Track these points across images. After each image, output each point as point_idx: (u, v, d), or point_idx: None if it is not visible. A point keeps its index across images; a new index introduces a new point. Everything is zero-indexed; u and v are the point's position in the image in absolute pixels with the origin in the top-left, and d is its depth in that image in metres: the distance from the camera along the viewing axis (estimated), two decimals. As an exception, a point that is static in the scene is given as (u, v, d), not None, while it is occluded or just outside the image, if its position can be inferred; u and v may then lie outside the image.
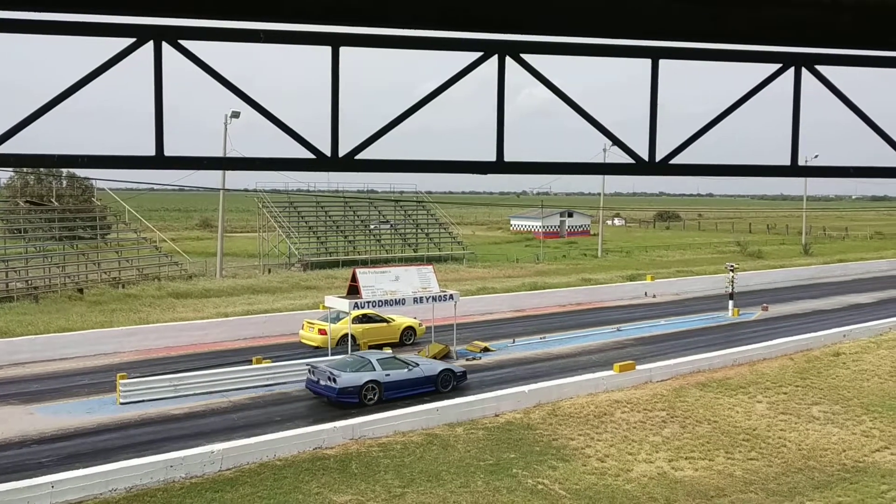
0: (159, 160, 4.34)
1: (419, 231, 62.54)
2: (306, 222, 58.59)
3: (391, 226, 58.27)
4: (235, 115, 43.49)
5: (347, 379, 20.89)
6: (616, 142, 4.99)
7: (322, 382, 21.15)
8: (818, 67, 5.24)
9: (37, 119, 4.18)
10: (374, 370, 21.46)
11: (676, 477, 16.50)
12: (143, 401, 21.28)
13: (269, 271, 50.38)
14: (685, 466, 17.03)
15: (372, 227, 59.59)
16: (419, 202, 66.46)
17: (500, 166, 4.82)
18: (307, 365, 22.45)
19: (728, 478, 16.53)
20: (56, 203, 47.80)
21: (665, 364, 24.52)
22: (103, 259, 43.34)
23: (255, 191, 59.54)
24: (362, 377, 21.17)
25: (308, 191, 64.24)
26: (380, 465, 16.69)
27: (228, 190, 52.85)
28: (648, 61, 5.04)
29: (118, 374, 22.16)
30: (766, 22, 4.94)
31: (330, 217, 60.10)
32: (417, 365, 22.54)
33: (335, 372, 20.98)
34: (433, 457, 17.24)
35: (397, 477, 16.07)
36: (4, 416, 20.32)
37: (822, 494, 15.75)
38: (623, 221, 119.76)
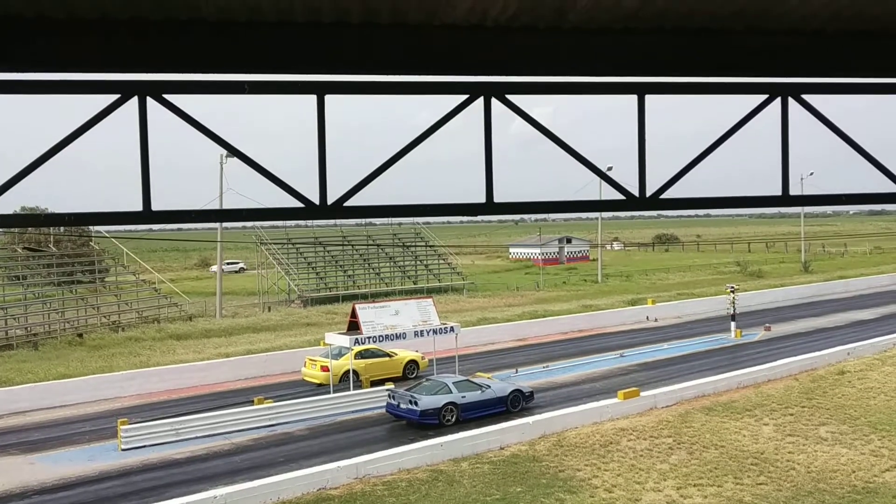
0: (147, 215, 4.33)
1: (418, 263, 62.49)
2: (305, 258, 58.56)
3: (242, 267, 58.62)
4: (230, 155, 43.68)
5: (428, 402, 22.09)
6: (606, 179, 4.98)
7: (403, 406, 22.36)
8: (805, 97, 5.24)
9: (21, 179, 4.17)
10: (451, 393, 22.63)
11: (686, 505, 16.26)
12: (144, 446, 21.07)
13: (269, 309, 50.25)
14: (694, 494, 16.81)
15: (226, 266, 60.47)
16: (417, 234, 66.48)
17: (490, 207, 4.81)
18: (387, 391, 23.72)
19: (738, 504, 16.31)
20: (54, 248, 47.80)
21: (669, 389, 24.33)
22: (102, 302, 43.24)
23: (252, 227, 59.54)
24: (441, 400, 22.32)
25: (307, 225, 64.37)
26: (385, 503, 16.47)
27: (226, 228, 52.96)
28: (635, 97, 5.04)
29: (119, 420, 21.97)
30: (749, 53, 4.96)
31: (329, 252, 60.08)
32: (489, 387, 23.74)
33: (416, 396, 22.20)
34: (439, 493, 17.02)
35: (403, 515, 15.84)
36: (5, 466, 20.11)
37: (834, 518, 15.53)
38: (622, 245, 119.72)
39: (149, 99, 4.36)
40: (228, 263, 78.37)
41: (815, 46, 5.01)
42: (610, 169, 47.14)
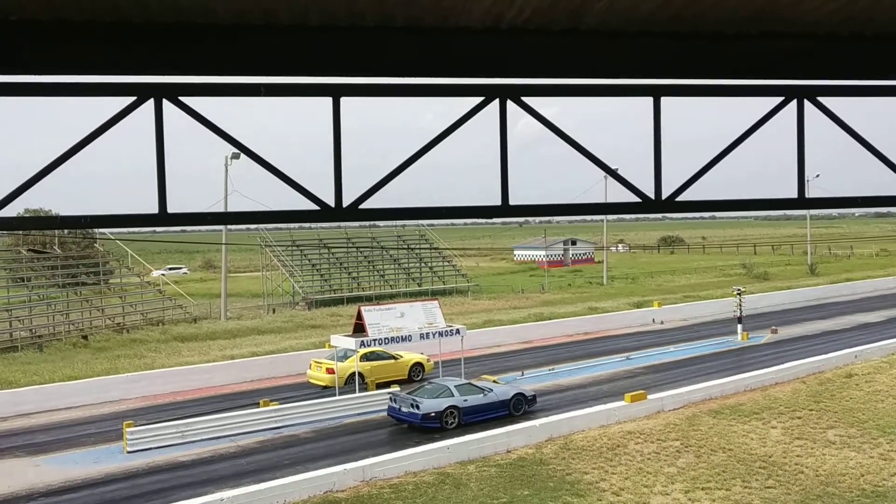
0: (162, 218, 4.32)
1: (423, 265, 62.45)
2: (309, 260, 58.57)
3: (184, 272, 59.39)
4: (236, 156, 43.63)
5: (429, 405, 22.04)
6: (621, 181, 4.96)
7: (404, 409, 22.30)
8: (820, 99, 5.22)
9: (38, 182, 4.16)
10: (453, 396, 22.57)
11: (693, 508, 16.21)
12: (150, 448, 21.05)
13: (274, 311, 50.27)
14: (702, 497, 16.76)
15: (164, 271, 61.32)
16: (422, 236, 66.44)
17: (505, 210, 4.79)
18: (388, 394, 23.61)
19: (746, 507, 16.24)
20: (58, 250, 47.88)
21: (676, 392, 24.25)
22: (107, 304, 43.29)
23: (257, 229, 59.53)
24: (442, 403, 22.26)
25: (311, 227, 64.41)
26: (392, 506, 16.44)
27: (230, 231, 53.04)
28: (650, 99, 5.02)
29: (125, 422, 21.95)
30: (764, 55, 4.93)
31: (333, 254, 60.08)
32: (492, 390, 23.62)
33: (417, 399, 22.16)
34: (446, 496, 16.99)
35: (410, 518, 15.80)
36: (11, 468, 20.12)
37: (842, 522, 15.46)
38: (627, 247, 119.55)
39: (164, 101, 4.36)
40: (171, 269, 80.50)
41: (830, 49, 4.99)
42: (617, 170, 47.02)
